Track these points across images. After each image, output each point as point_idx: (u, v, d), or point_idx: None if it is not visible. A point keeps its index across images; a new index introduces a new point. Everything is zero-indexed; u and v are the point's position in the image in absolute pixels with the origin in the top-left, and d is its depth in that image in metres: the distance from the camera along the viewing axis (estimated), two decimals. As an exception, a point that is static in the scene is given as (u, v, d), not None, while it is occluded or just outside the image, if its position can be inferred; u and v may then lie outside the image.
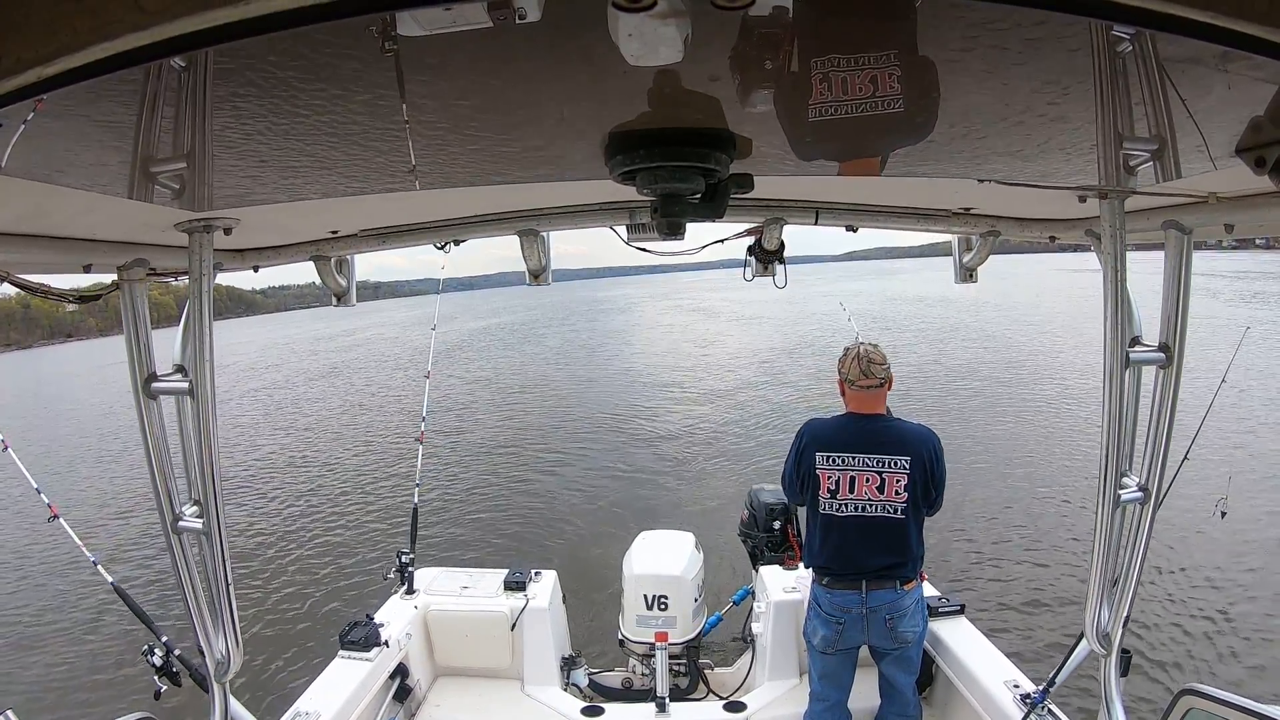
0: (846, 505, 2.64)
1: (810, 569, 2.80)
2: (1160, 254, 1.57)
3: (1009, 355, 18.43)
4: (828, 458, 2.67)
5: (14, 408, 25.54)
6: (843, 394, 2.78)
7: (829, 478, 2.66)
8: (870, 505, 2.62)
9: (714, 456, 10.80)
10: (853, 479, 2.64)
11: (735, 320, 35.19)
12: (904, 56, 0.67)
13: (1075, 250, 2.01)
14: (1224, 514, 4.48)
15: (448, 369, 22.04)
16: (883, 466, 2.61)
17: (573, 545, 7.57)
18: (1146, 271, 1.72)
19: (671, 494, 9.25)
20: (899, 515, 2.60)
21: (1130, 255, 1.49)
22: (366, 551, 7.85)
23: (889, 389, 2.76)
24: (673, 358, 22.80)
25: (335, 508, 9.73)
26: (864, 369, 2.68)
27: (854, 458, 2.64)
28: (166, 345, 1.61)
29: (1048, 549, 6.84)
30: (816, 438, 2.72)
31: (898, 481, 2.60)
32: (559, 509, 8.88)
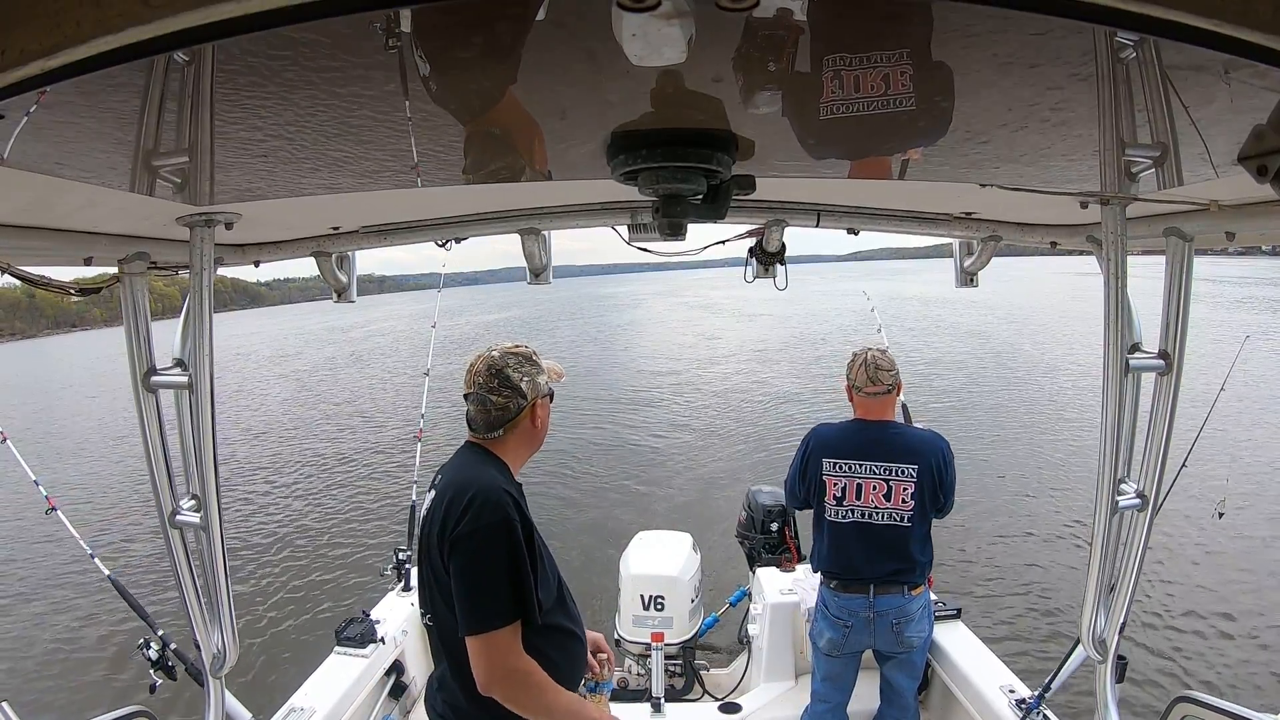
0: (853, 512, 2.64)
1: (818, 572, 2.81)
2: (1162, 259, 1.57)
3: (1007, 357, 18.44)
4: (834, 464, 2.67)
5: (15, 398, 25.51)
6: (851, 400, 2.78)
7: (835, 484, 2.66)
8: (877, 513, 2.62)
9: (713, 457, 10.80)
10: (859, 486, 2.64)
11: (737, 317, 35.20)
12: (906, 61, 0.67)
13: (1083, 253, 2.00)
14: (1221, 514, 4.50)
15: (455, 364, 22.04)
16: (889, 474, 2.61)
17: (570, 544, 7.56)
18: (1147, 275, 1.72)
19: (669, 494, 9.25)
20: (905, 523, 2.60)
21: (1131, 260, 1.49)
22: (364, 548, 7.85)
23: (898, 395, 2.75)
24: (674, 355, 22.79)
25: (333, 504, 9.73)
26: (871, 375, 2.67)
27: (861, 465, 2.63)
28: (171, 337, 1.62)
29: (1045, 554, 6.84)
30: (823, 444, 2.72)
31: (904, 489, 2.59)
32: (556, 507, 8.87)
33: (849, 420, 2.77)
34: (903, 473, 2.60)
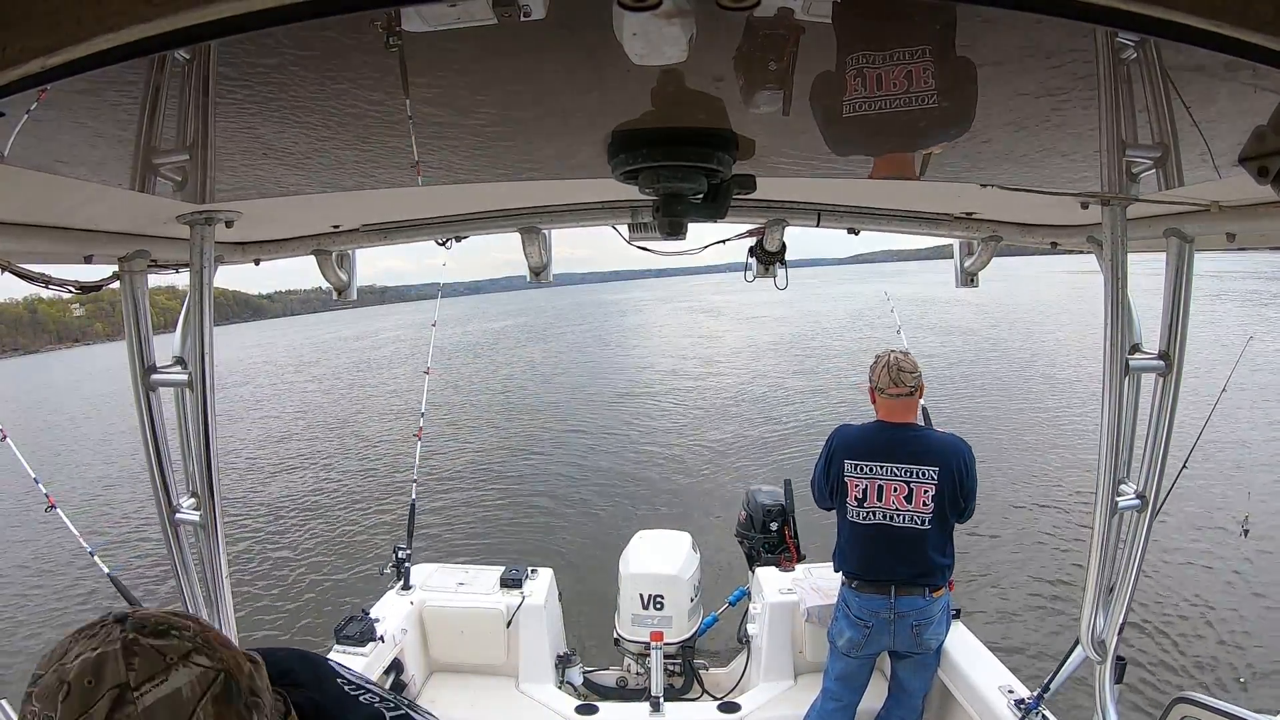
0: (874, 514, 2.64)
1: (839, 572, 2.81)
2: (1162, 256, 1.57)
3: (1007, 357, 18.42)
4: (856, 466, 2.67)
5: (17, 403, 25.53)
6: (873, 402, 2.78)
7: (857, 486, 2.67)
8: (897, 515, 2.62)
9: (713, 457, 10.80)
10: (880, 488, 2.64)
11: (738, 320, 35.22)
12: (923, 58, 0.66)
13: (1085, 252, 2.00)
14: (1246, 532, 4.33)
15: (457, 364, 22.11)
16: (910, 476, 2.61)
17: (569, 543, 7.57)
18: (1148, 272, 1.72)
19: (669, 494, 9.25)
20: (925, 526, 2.60)
21: (1131, 258, 1.49)
22: (363, 546, 7.86)
23: (920, 397, 2.75)
24: (674, 357, 22.79)
25: (333, 502, 9.74)
26: (894, 377, 2.67)
27: (882, 467, 2.64)
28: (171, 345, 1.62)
29: (1044, 554, 6.84)
30: (845, 445, 2.72)
31: (925, 492, 2.60)
32: (556, 507, 8.88)
33: (872, 422, 2.77)
34: (924, 475, 2.60)
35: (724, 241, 2.28)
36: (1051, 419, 11.89)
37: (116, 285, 1.65)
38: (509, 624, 3.33)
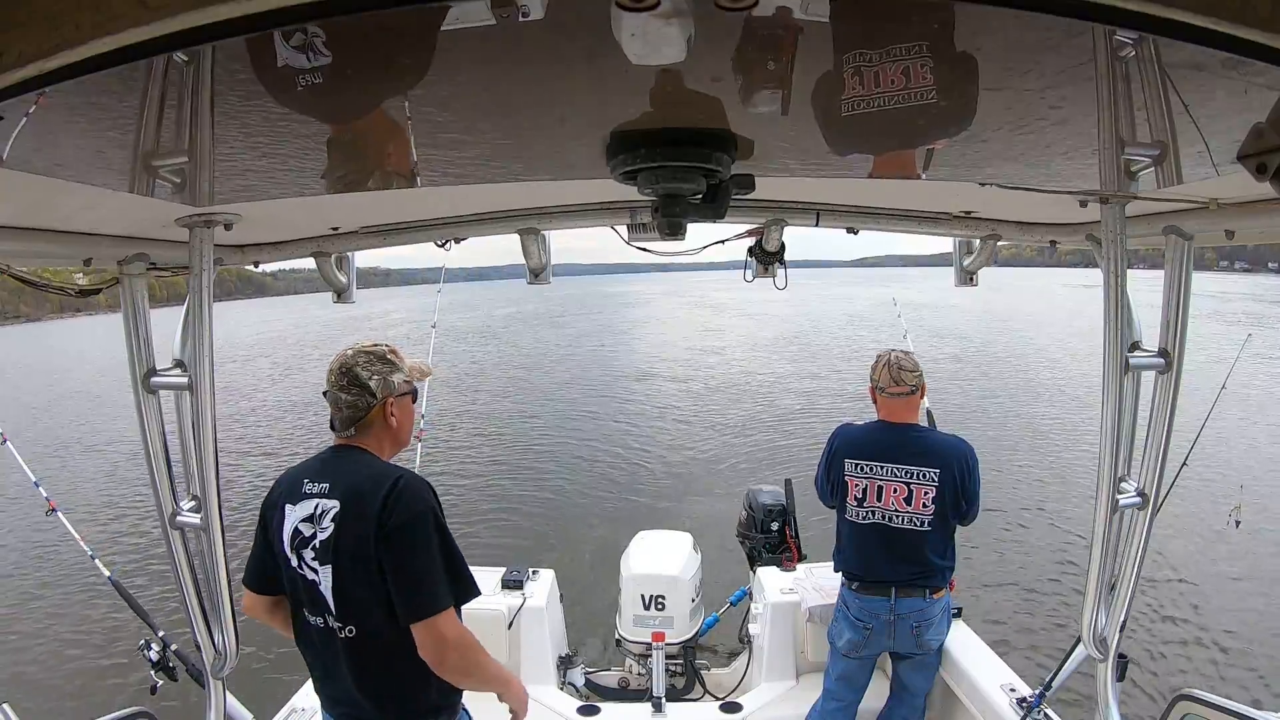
0: (873, 514, 2.64)
1: (839, 572, 2.81)
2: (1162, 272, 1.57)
3: (1007, 357, 18.42)
4: (856, 465, 2.66)
5: (19, 385, 25.42)
6: (874, 402, 2.76)
7: (856, 485, 2.66)
8: (896, 515, 2.61)
9: (714, 456, 10.80)
10: (880, 488, 2.63)
11: (742, 318, 35.23)
12: (921, 55, 0.66)
13: (1088, 266, 1.99)
14: (1238, 523, 4.43)
15: (464, 363, 22.11)
16: (910, 477, 2.60)
17: (571, 544, 7.56)
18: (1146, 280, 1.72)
19: (670, 494, 9.25)
20: (924, 527, 2.58)
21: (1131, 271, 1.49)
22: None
23: (921, 397, 2.74)
24: (677, 353, 22.79)
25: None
26: (895, 376, 2.65)
27: (882, 467, 2.63)
28: (173, 325, 1.61)
29: (1045, 552, 6.84)
30: (847, 445, 2.71)
31: (925, 493, 2.58)
32: (557, 507, 8.87)
33: (873, 421, 2.76)
34: (924, 476, 2.58)
35: (723, 242, 2.28)
36: (1054, 418, 11.89)
37: (116, 287, 1.65)
38: (510, 625, 3.33)
